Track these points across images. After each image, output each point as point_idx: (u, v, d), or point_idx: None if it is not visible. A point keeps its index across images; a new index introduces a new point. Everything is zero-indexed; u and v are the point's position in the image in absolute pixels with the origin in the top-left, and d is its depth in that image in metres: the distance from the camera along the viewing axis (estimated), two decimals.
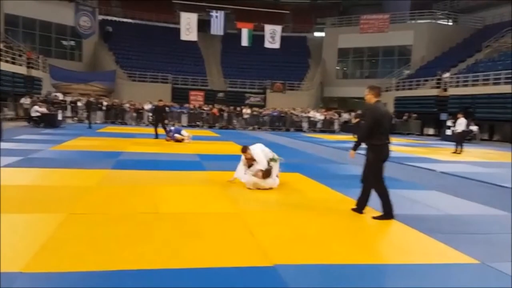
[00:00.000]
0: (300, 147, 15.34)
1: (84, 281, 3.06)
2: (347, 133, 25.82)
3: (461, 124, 16.02)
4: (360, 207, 5.47)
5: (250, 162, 6.99)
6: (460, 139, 16.04)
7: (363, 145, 5.32)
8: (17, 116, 24.15)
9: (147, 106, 25.88)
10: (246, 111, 27.50)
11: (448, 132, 23.16)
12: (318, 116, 28.31)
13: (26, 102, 23.47)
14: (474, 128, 24.21)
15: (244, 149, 7.07)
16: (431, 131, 31.06)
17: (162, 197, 5.94)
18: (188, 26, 30.91)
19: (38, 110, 19.99)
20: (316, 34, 41.78)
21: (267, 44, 33.27)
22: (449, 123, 24.24)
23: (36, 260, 3.37)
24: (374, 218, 5.25)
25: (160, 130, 15.41)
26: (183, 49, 36.81)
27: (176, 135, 14.89)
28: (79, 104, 25.32)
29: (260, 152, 6.97)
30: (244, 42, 32.68)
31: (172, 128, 16.16)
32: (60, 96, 25.73)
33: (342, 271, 3.50)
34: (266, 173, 6.75)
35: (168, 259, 3.53)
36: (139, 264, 3.39)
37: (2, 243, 3.73)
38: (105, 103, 25.89)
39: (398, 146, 16.04)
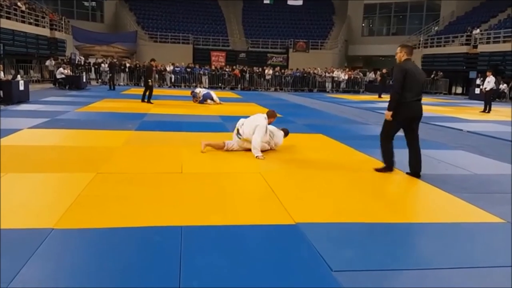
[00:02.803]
0: (323, 108, 15.16)
1: (112, 237, 3.16)
2: (372, 93, 25.36)
3: (490, 82, 15.51)
4: (413, 171, 5.26)
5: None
6: (489, 98, 15.58)
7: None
8: (42, 78, 24.55)
9: (169, 68, 25.88)
10: (268, 71, 27.15)
11: (477, 90, 22.49)
12: (342, 76, 27.74)
13: (51, 64, 23.77)
14: (503, 86, 23.45)
15: (274, 115, 6.70)
16: (459, 89, 30.24)
17: (186, 157, 6.01)
18: None
19: (63, 72, 20.29)
20: None
21: (290, 1, 32.39)
22: (478, 81, 23.50)
23: (66, 217, 3.49)
24: (376, 170, 5.44)
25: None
26: (204, 9, 36.17)
27: (209, 101, 14.77)
28: (102, 66, 25.48)
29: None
30: None
31: (197, 90, 15.95)
32: (82, 61, 25.90)
33: (365, 229, 3.50)
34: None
35: (196, 217, 3.60)
36: (166, 221, 3.48)
37: (34, 201, 3.88)
38: (127, 65, 25.96)
39: (425, 106, 15.54)
